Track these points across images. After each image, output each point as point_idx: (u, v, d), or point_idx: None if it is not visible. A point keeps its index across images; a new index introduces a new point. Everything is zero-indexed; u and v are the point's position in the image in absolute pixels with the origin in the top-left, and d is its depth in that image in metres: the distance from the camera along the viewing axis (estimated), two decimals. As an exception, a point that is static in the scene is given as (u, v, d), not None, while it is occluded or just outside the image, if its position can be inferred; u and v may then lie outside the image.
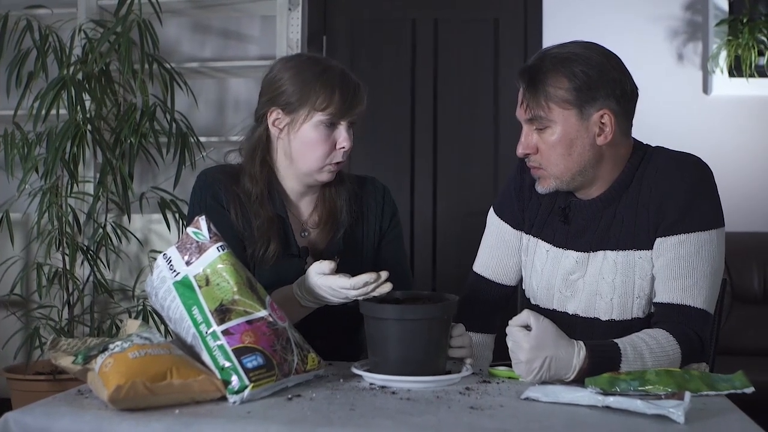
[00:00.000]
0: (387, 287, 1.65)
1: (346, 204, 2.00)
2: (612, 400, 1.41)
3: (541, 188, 1.84)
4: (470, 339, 1.76)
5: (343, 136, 1.89)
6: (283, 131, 1.92)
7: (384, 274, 1.65)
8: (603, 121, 1.76)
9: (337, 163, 1.91)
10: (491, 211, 2.05)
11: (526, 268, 1.96)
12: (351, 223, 1.99)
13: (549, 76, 1.75)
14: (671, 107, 4.04)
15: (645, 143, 1.88)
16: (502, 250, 2.00)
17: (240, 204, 1.93)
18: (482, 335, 2.01)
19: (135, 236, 3.98)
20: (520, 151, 1.82)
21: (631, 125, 1.85)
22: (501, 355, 1.81)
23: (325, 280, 1.68)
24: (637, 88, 1.81)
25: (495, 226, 2.02)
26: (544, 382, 1.59)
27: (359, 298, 1.65)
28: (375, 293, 1.65)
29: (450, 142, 4.37)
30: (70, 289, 3.72)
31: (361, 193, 2.05)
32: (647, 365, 1.63)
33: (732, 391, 1.55)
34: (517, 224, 1.98)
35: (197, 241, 1.59)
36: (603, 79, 1.74)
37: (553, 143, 1.77)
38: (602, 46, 1.80)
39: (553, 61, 1.76)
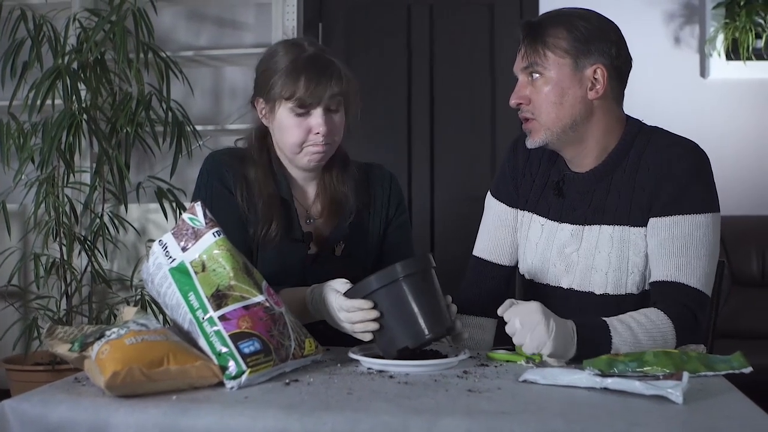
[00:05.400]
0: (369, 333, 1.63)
1: (353, 192, 1.99)
2: (610, 382, 1.40)
3: (531, 141, 1.85)
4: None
5: (316, 122, 1.86)
6: (265, 118, 1.94)
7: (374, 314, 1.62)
8: (596, 76, 1.80)
9: (320, 148, 1.88)
10: (488, 194, 2.05)
11: (521, 244, 1.97)
12: (358, 210, 1.99)
13: (549, 28, 1.81)
14: (668, 90, 4.03)
15: (641, 121, 1.89)
16: (499, 231, 2.00)
17: (247, 186, 1.93)
18: (483, 319, 2.01)
19: (132, 226, 3.98)
20: (513, 100, 1.84)
21: (623, 95, 1.87)
22: (502, 340, 1.81)
23: (332, 297, 1.67)
24: (631, 59, 1.85)
25: (492, 207, 2.02)
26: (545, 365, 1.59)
27: (348, 325, 1.64)
28: (360, 328, 1.63)
29: (447, 127, 4.36)
30: (68, 280, 3.72)
31: (367, 180, 2.04)
32: (639, 337, 1.63)
33: (730, 371, 1.55)
34: (512, 203, 1.99)
35: (193, 227, 1.58)
36: (601, 36, 1.80)
37: (546, 92, 1.80)
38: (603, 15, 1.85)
39: (554, 16, 1.84)
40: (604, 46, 1.79)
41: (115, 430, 1.30)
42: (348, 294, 1.64)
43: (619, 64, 1.82)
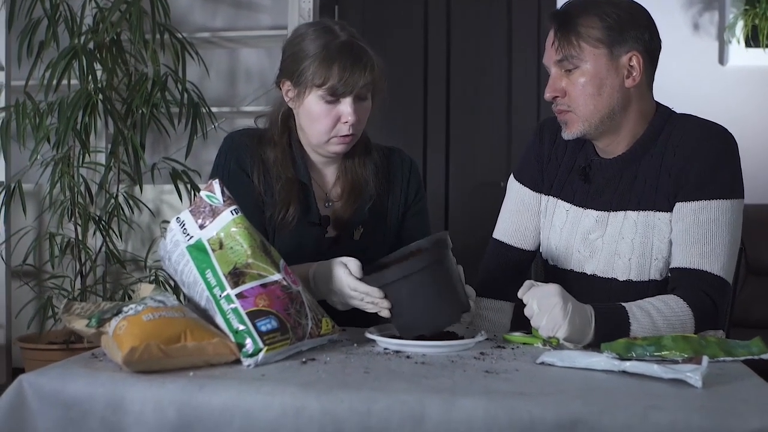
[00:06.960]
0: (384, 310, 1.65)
1: (373, 176, 1.98)
2: (628, 365, 1.40)
3: (568, 133, 1.82)
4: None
5: (347, 111, 1.83)
6: (292, 101, 1.91)
7: (386, 303, 1.64)
8: (632, 63, 1.77)
9: (346, 135, 1.87)
10: (511, 177, 2.04)
11: (545, 229, 1.95)
12: (377, 195, 1.98)
13: (581, 17, 1.76)
14: (687, 77, 3.99)
15: (671, 108, 1.86)
16: (522, 214, 1.99)
17: (264, 168, 1.92)
18: (501, 302, 2.01)
19: (147, 207, 3.99)
20: (548, 94, 1.81)
21: (653, 80, 1.84)
22: (519, 323, 1.80)
23: (343, 276, 1.67)
24: (661, 40, 1.82)
25: (515, 191, 2.01)
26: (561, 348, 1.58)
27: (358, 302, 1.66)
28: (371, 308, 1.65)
29: (463, 113, 4.34)
30: (83, 260, 3.73)
31: (387, 164, 2.03)
32: (657, 324, 1.62)
33: (749, 356, 1.53)
34: (536, 187, 1.97)
35: (211, 205, 1.57)
36: (633, 23, 1.76)
37: (583, 84, 1.76)
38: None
39: (584, 4, 1.78)
40: (638, 32, 1.76)
41: (131, 404, 1.31)
42: (363, 280, 1.64)
43: (653, 49, 1.79)
